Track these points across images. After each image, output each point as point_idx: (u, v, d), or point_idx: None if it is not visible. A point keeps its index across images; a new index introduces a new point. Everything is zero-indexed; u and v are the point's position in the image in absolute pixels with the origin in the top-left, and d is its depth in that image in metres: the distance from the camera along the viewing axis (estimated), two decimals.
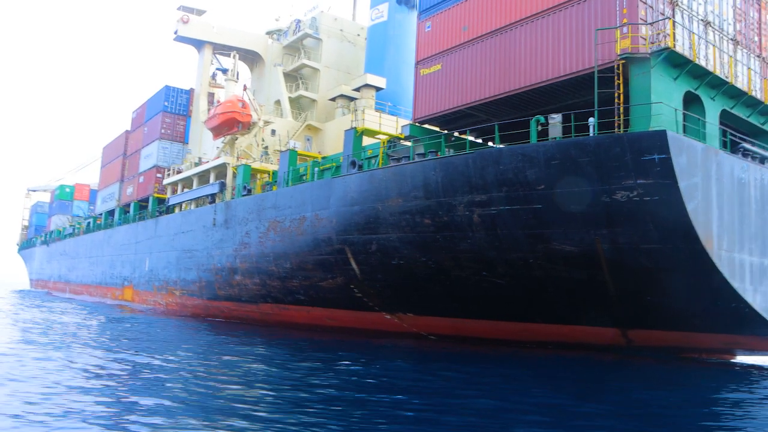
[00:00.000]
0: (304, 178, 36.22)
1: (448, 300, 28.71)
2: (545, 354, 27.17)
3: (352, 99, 49.59)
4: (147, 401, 15.04)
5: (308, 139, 50.45)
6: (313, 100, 53.42)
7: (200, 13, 59.78)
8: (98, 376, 18.43)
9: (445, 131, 31.77)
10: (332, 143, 48.23)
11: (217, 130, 46.64)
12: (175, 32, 58.16)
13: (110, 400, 15.38)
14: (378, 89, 47.70)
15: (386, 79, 48.49)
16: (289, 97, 52.88)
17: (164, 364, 21.60)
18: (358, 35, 57.42)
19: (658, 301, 23.88)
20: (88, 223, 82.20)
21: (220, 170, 46.45)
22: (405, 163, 28.10)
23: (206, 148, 56.01)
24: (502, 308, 27.44)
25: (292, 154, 37.03)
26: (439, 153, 27.91)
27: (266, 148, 46.05)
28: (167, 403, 14.88)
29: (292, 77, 55.48)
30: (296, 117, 51.82)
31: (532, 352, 27.50)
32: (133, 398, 15.55)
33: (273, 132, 48.45)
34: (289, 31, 57.96)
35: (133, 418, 13.39)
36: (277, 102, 53.19)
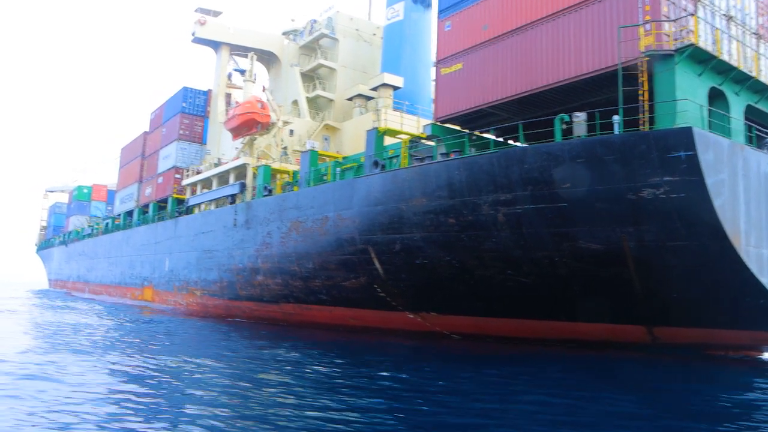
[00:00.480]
0: (325, 178, 36.38)
1: (471, 299, 28.76)
2: (577, 353, 26.98)
3: (369, 98, 49.69)
4: (193, 408, 15.17)
5: (326, 139, 50.59)
6: (330, 100, 53.56)
7: (217, 14, 60.10)
8: (147, 383, 18.45)
9: (466, 130, 31.85)
10: (350, 143, 48.37)
11: (237, 131, 46.88)
12: (193, 34, 58.52)
13: (165, 407, 15.48)
14: (395, 88, 47.75)
15: (403, 78, 48.53)
16: (307, 97, 53.04)
17: (207, 369, 21.69)
18: (374, 35, 57.48)
19: (685, 298, 23.82)
20: (107, 223, 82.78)
21: (240, 171, 46.68)
22: (429, 162, 28.19)
23: (225, 149, 56.29)
24: (527, 307, 27.45)
25: (313, 154, 37.20)
26: (460, 152, 27.97)
27: (285, 148, 46.21)
28: (211, 410, 14.97)
29: (309, 77, 55.63)
30: (313, 117, 51.99)
31: (564, 352, 27.35)
32: (185, 407, 15.57)
33: (291, 132, 48.64)
34: (305, 31, 58.10)
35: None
36: (295, 102, 53.36)
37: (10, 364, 20.57)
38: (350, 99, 51.00)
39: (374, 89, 48.23)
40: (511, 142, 33.77)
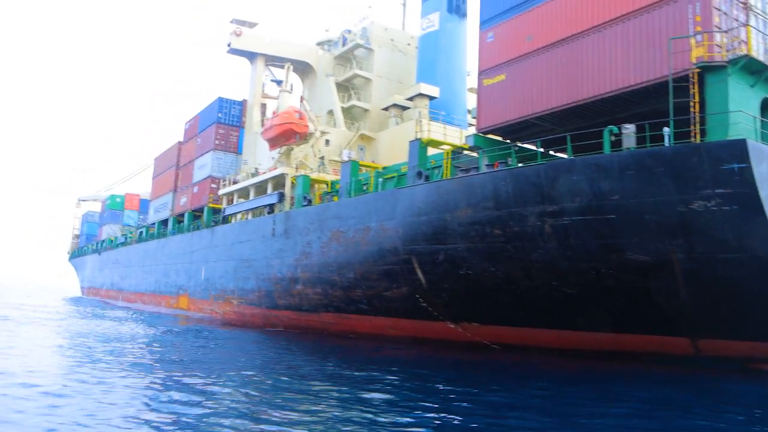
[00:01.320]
0: (365, 188, 36.57)
1: (515, 309, 28.72)
2: (630, 367, 26.77)
3: (404, 108, 49.87)
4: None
5: (361, 149, 50.79)
6: (366, 110, 53.81)
7: (252, 25, 60.69)
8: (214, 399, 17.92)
9: (508, 141, 31.92)
10: (386, 152, 48.52)
11: (274, 141, 47.27)
12: (228, 45, 59.12)
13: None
14: (431, 98, 47.87)
15: (439, 88, 48.65)
16: (342, 107, 53.37)
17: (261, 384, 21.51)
18: (409, 44, 57.72)
19: (733, 311, 23.63)
20: (141, 232, 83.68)
21: (278, 181, 47.02)
22: (474, 174, 28.26)
23: (260, 159, 56.74)
24: (570, 318, 27.38)
25: (354, 164, 37.41)
26: (506, 163, 28.02)
27: (322, 158, 46.50)
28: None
29: (344, 87, 55.96)
30: (349, 127, 52.27)
31: (613, 367, 27.22)
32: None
33: (327, 142, 48.92)
34: (339, 41, 58.51)
35: None
36: (330, 112, 53.66)
37: (62, 376, 20.78)
38: (386, 109, 51.18)
39: (410, 99, 48.39)
40: (551, 152, 33.81)
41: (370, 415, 15.87)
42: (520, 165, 27.49)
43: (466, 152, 32.59)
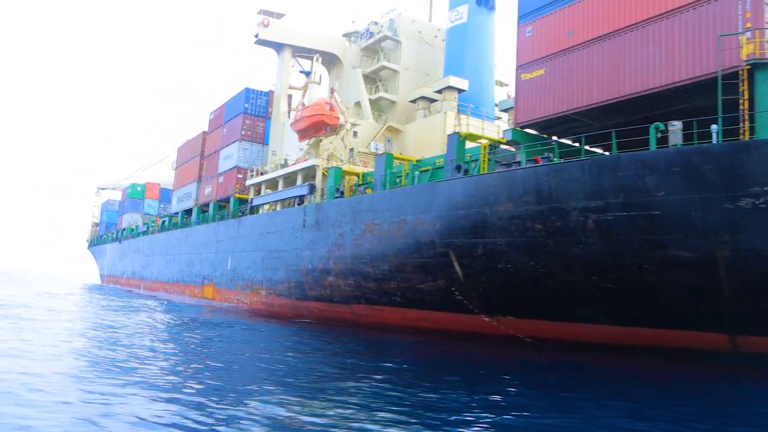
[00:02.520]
0: (399, 180, 36.70)
1: (552, 304, 28.83)
2: (668, 366, 26.87)
3: (432, 101, 49.98)
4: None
5: (389, 141, 50.92)
6: (393, 102, 53.97)
7: (279, 16, 60.81)
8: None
9: (544, 135, 31.96)
10: (413, 144, 48.65)
11: (304, 133, 47.48)
12: (256, 36, 59.32)
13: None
14: (460, 91, 47.89)
15: (468, 81, 48.65)
16: (369, 99, 53.49)
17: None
18: (436, 36, 57.77)
19: None
20: (163, 221, 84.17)
21: (308, 172, 47.23)
22: (515, 168, 28.33)
23: (287, 150, 57.01)
24: (609, 312, 27.48)
25: (389, 157, 37.53)
26: (549, 158, 28.08)
27: (352, 150, 46.66)
28: None
29: (371, 79, 56.13)
30: (376, 119, 52.40)
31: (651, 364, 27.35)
32: None
33: (355, 134, 49.07)
34: (366, 33, 58.57)
35: None
36: (357, 104, 53.78)
37: (105, 367, 20.92)
38: (413, 101, 51.29)
39: (438, 92, 48.44)
40: (586, 147, 33.77)
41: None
42: (562, 160, 27.51)
43: (502, 146, 32.64)
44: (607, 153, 31.04)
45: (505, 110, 51.96)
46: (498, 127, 38.01)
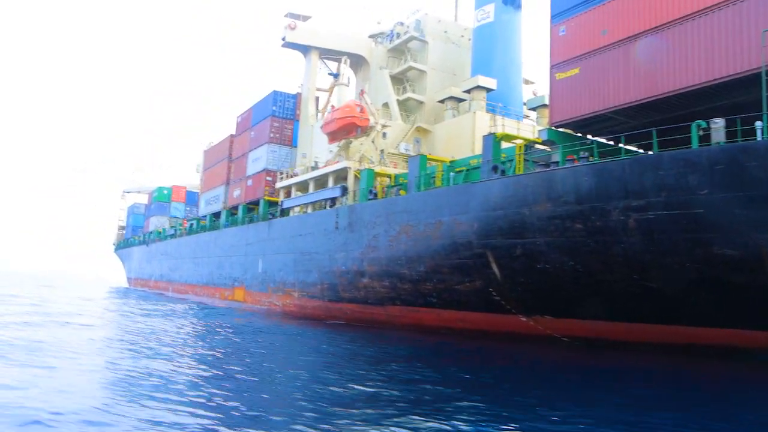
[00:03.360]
0: (433, 181, 36.80)
1: (591, 303, 28.79)
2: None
3: (460, 100, 49.99)
4: None
5: (417, 141, 51.03)
6: (421, 102, 54.02)
7: (306, 19, 61.18)
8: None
9: (579, 134, 31.91)
10: (442, 144, 48.73)
11: (334, 135, 47.68)
12: (283, 38, 59.72)
13: None
14: (488, 90, 47.88)
15: (496, 80, 48.62)
16: (397, 100, 53.61)
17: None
18: (462, 36, 57.76)
19: None
20: (191, 224, 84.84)
21: (339, 174, 47.41)
22: (554, 168, 28.33)
23: (316, 152, 57.24)
24: (648, 311, 27.41)
25: (422, 158, 37.65)
26: (588, 158, 28.07)
27: (382, 151, 46.81)
28: None
29: (398, 80, 56.21)
30: (403, 119, 52.51)
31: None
32: None
33: (384, 135, 49.21)
34: (393, 34, 58.66)
35: None
36: (385, 105, 53.88)
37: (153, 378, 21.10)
38: (441, 101, 51.33)
39: (467, 91, 48.45)
40: (620, 145, 33.67)
41: None
42: (600, 160, 27.47)
43: (537, 146, 32.64)
44: (641, 151, 31.00)
45: (533, 108, 51.92)
46: (533, 127, 37.95)
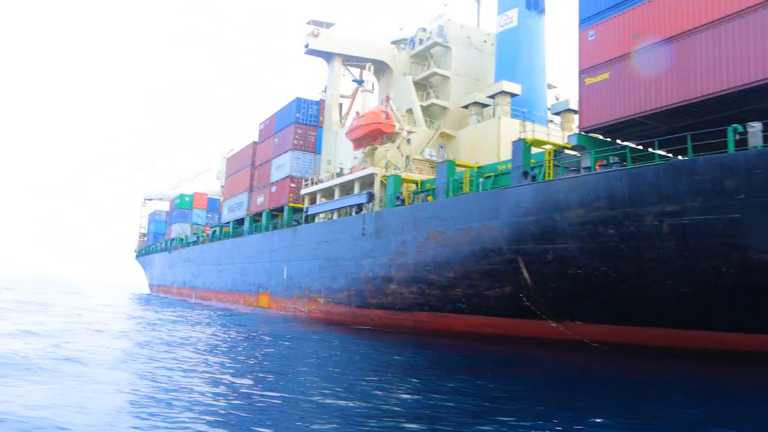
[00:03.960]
0: (461, 187, 36.80)
1: (623, 308, 28.69)
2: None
3: (485, 106, 49.94)
4: None
5: (442, 147, 51.03)
6: (444, 108, 54.02)
7: (329, 26, 61.43)
8: None
9: (608, 139, 31.78)
10: (466, 150, 48.68)
11: (360, 141, 47.80)
12: (306, 45, 59.96)
13: None
14: (513, 95, 47.80)
15: (520, 85, 48.54)
16: (421, 106, 53.67)
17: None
18: (485, 41, 57.76)
19: None
20: (214, 231, 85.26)
21: (364, 180, 47.50)
22: (587, 174, 28.27)
23: (340, 158, 57.41)
24: (680, 316, 27.25)
25: (451, 164, 37.67)
26: (613, 163, 27.99)
27: (407, 157, 46.86)
28: None
29: (421, 86, 56.29)
30: (428, 125, 52.55)
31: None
32: None
33: (408, 141, 49.27)
34: (415, 40, 58.79)
35: None
36: (409, 111, 53.96)
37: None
38: (465, 107, 51.31)
39: (491, 97, 48.39)
40: (649, 150, 33.52)
41: None
42: (633, 165, 27.37)
43: (567, 151, 32.57)
44: (669, 155, 30.88)
45: (557, 113, 51.79)
46: (562, 132, 37.85)
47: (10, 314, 43.71)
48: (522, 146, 32.31)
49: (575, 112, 50.09)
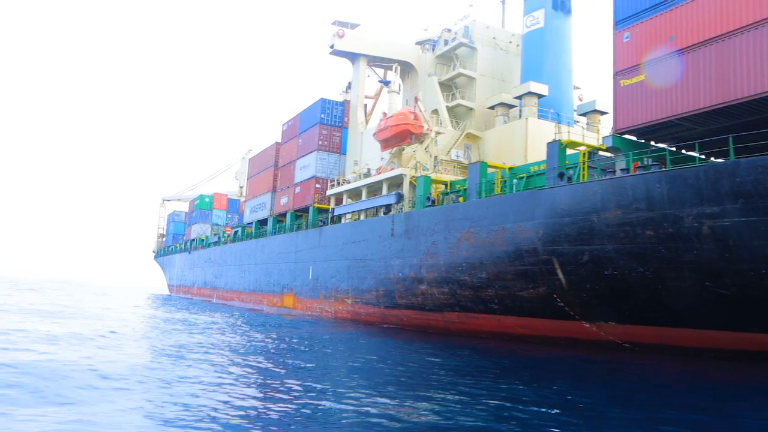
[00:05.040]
0: (493, 188, 36.94)
1: (658, 309, 28.73)
2: None
3: (511, 106, 50.03)
4: None
5: (468, 148, 51.12)
6: (470, 109, 54.13)
7: (354, 27, 61.71)
8: None
9: (642, 141, 31.82)
10: (492, 151, 48.79)
11: (388, 142, 47.98)
12: (331, 46, 60.24)
13: None
14: (540, 96, 47.86)
15: (547, 86, 48.59)
16: (447, 106, 53.80)
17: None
18: (510, 42, 57.85)
19: None
20: (236, 231, 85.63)
21: (392, 181, 47.70)
22: (624, 175, 28.34)
23: (366, 159, 57.63)
24: (718, 317, 27.26)
25: (483, 165, 37.80)
26: (662, 165, 28.06)
27: (436, 157, 47.01)
28: None
29: (447, 86, 56.45)
30: (453, 126, 52.67)
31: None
32: None
33: (436, 141, 49.41)
34: (439, 40, 58.92)
35: None
36: (434, 111, 54.10)
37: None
38: (492, 107, 51.39)
39: (518, 97, 48.48)
40: (683, 151, 33.55)
41: None
42: (673, 167, 27.43)
43: (601, 153, 32.64)
44: (702, 156, 30.85)
45: (583, 114, 51.76)
46: (598, 134, 37.89)
47: (59, 318, 42.92)
48: (557, 147, 32.40)
49: (602, 113, 50.24)
